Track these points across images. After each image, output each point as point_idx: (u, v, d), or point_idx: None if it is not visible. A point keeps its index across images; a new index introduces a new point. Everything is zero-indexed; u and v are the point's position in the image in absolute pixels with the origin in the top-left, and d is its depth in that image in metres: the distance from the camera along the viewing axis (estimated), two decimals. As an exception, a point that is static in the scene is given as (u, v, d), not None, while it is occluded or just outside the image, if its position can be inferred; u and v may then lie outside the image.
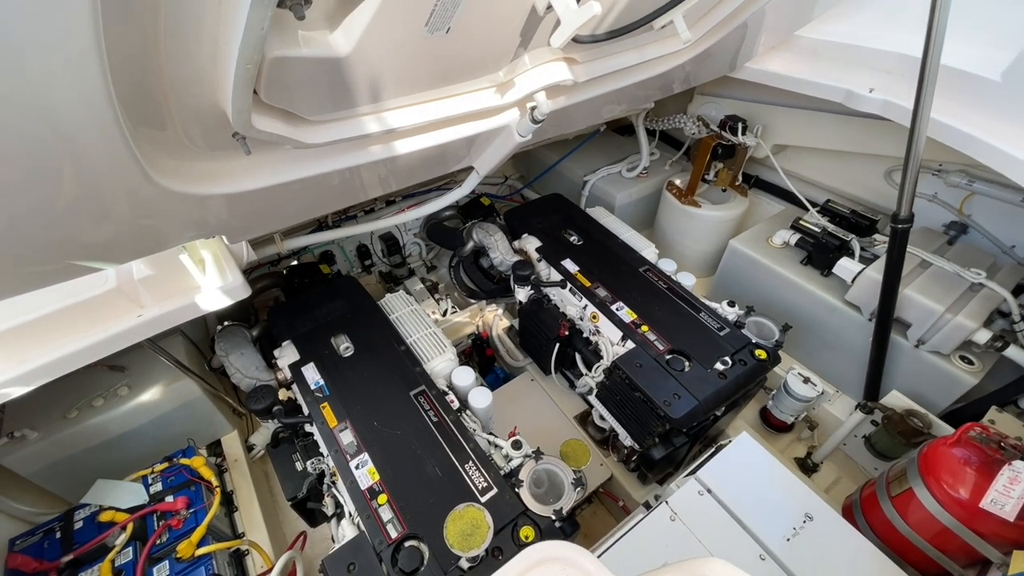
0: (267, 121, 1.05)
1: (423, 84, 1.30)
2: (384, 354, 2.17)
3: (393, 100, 1.28)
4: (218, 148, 1.10)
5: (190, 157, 1.06)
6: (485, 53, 1.31)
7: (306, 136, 1.17)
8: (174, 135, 0.95)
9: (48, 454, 1.97)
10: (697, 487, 1.77)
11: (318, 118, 1.19)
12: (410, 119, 1.34)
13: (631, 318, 2.34)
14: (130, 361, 2.19)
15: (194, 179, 1.08)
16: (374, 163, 1.43)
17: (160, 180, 0.94)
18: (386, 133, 1.31)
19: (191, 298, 1.70)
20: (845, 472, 2.60)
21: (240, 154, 1.06)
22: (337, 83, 1.11)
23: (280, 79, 1.01)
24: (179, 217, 1.15)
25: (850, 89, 2.30)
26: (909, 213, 1.97)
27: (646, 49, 1.81)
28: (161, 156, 0.96)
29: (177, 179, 1.02)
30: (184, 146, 1.01)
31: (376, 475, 1.77)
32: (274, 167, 1.27)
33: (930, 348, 2.26)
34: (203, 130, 0.99)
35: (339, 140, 1.22)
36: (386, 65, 1.15)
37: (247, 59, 0.76)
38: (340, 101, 1.17)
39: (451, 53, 1.24)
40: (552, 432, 2.69)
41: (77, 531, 1.84)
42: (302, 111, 1.13)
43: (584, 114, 2.26)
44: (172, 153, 1.00)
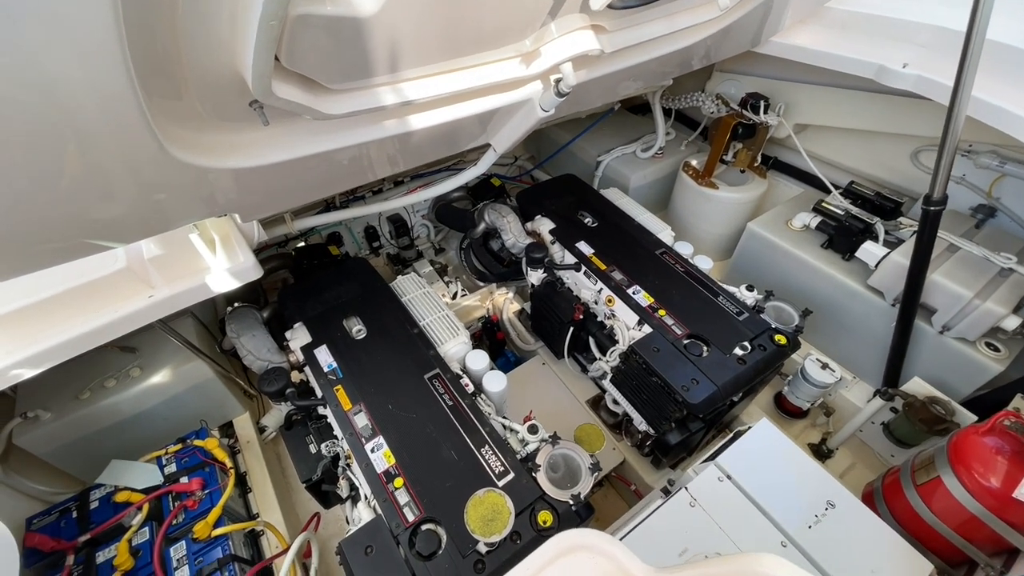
0: (287, 88, 0.99)
1: (448, 52, 1.22)
2: (397, 337, 2.14)
3: (416, 69, 1.21)
4: (234, 119, 1.04)
5: (205, 128, 1.00)
6: (514, 17, 1.23)
7: (326, 106, 1.10)
8: (189, 105, 0.90)
9: (61, 435, 1.96)
10: (717, 473, 1.74)
11: (339, 86, 1.12)
12: (432, 90, 1.27)
13: (648, 302, 2.30)
14: (141, 342, 2.16)
15: (209, 151, 1.02)
16: (390, 138, 1.36)
17: (174, 151, 0.89)
18: (407, 105, 1.24)
19: (202, 279, 1.67)
20: (860, 459, 2.57)
21: (255, 126, 1.01)
22: (361, 47, 1.03)
23: (302, 41, 0.94)
24: (192, 192, 1.10)
25: (882, 64, 2.20)
26: (943, 194, 1.90)
27: (677, 18, 1.71)
28: (175, 127, 0.91)
29: (191, 151, 0.96)
30: (199, 116, 0.95)
31: (392, 458, 1.75)
32: (290, 140, 1.20)
33: (955, 335, 2.20)
34: (219, 99, 0.93)
35: (359, 111, 1.16)
36: (412, 28, 1.07)
37: (271, 14, 0.70)
38: (363, 68, 1.10)
39: (479, 16, 1.16)
40: (564, 416, 2.67)
41: (93, 511, 1.84)
42: (323, 78, 1.06)
43: (601, 90, 2.17)
44: (186, 124, 0.94)
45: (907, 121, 2.59)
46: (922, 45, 2.17)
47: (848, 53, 2.30)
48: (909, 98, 2.26)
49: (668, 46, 1.83)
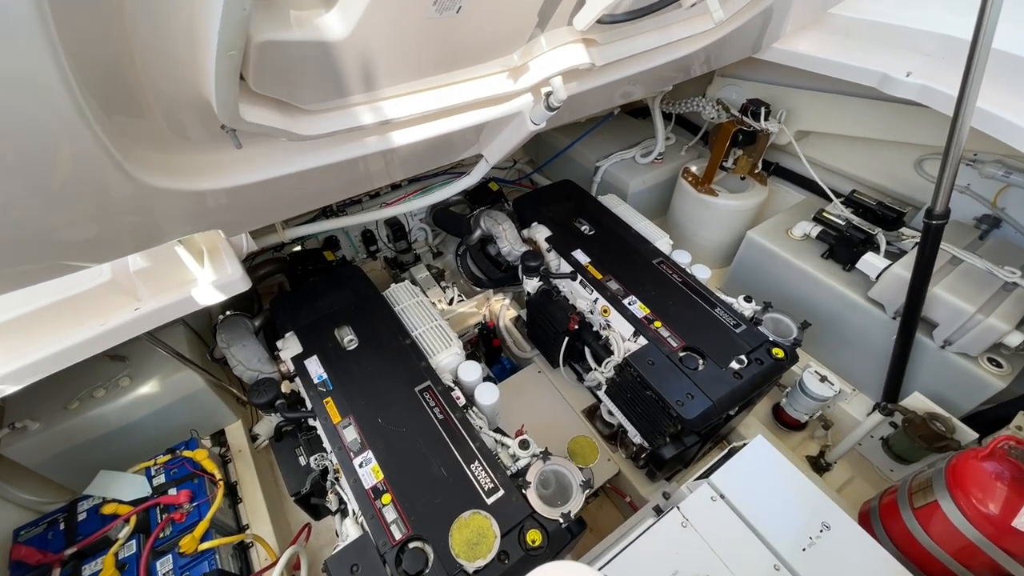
0: (258, 112, 0.96)
1: (430, 69, 1.19)
2: (389, 348, 2.12)
3: (397, 87, 1.17)
4: (206, 140, 1.01)
5: (176, 150, 0.97)
6: (499, 34, 1.20)
7: (302, 127, 1.07)
8: (156, 127, 0.86)
9: (50, 445, 1.95)
10: (710, 492, 1.71)
11: (315, 107, 1.09)
12: (415, 107, 1.23)
13: (644, 313, 2.26)
14: (131, 351, 2.15)
15: (182, 174, 0.99)
16: (376, 154, 1.33)
17: (142, 175, 0.86)
18: (389, 123, 1.21)
19: (189, 291, 1.65)
20: (859, 472, 2.54)
21: (231, 147, 0.98)
22: (335, 69, 1.00)
23: (270, 66, 0.90)
24: (168, 214, 1.07)
25: (886, 72, 2.15)
26: (946, 208, 1.85)
27: (671, 29, 1.67)
28: (143, 149, 0.88)
29: (163, 174, 0.93)
30: (169, 138, 0.92)
31: (380, 474, 1.73)
32: (270, 159, 1.18)
33: (957, 349, 2.16)
34: (188, 121, 0.89)
35: (338, 131, 1.13)
36: (389, 49, 1.04)
37: (228, 44, 0.67)
38: (338, 89, 1.07)
39: (461, 35, 1.12)
40: (559, 426, 2.65)
41: (81, 523, 1.83)
42: (297, 100, 1.03)
43: (599, 98, 2.13)
44: (157, 146, 0.91)
45: (911, 129, 2.54)
46: (927, 54, 2.13)
47: (851, 61, 2.25)
48: (913, 106, 2.21)
49: (663, 57, 1.79)
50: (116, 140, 0.74)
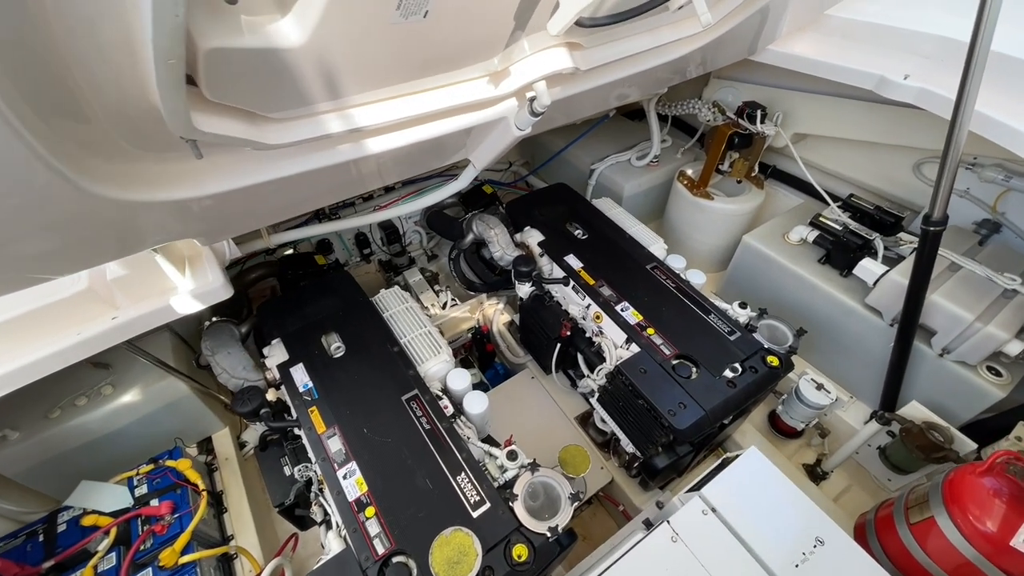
0: (216, 121, 0.91)
1: (403, 74, 1.14)
2: (376, 355, 2.08)
3: (369, 93, 1.13)
4: (167, 149, 0.97)
5: (135, 160, 0.93)
6: (474, 39, 1.15)
7: (268, 136, 1.03)
8: (105, 135, 0.82)
9: (31, 455, 1.92)
10: (701, 506, 1.67)
11: (281, 115, 1.05)
12: (390, 114, 1.19)
13: (636, 320, 2.23)
14: (115, 358, 2.11)
15: (143, 184, 0.95)
16: (355, 160, 1.30)
17: (93, 186, 0.82)
18: (364, 130, 1.17)
19: (168, 300, 1.61)
20: (856, 481, 2.49)
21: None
22: (297, 77, 0.96)
23: (225, 73, 0.86)
24: (132, 225, 1.03)
25: (883, 75, 2.11)
26: (944, 215, 1.81)
27: (660, 32, 1.63)
28: (93, 159, 0.84)
29: (119, 185, 0.89)
30: (123, 148, 0.88)
31: (364, 486, 1.69)
32: (241, 167, 1.13)
33: (955, 358, 2.12)
34: (144, 130, 0.84)
35: (307, 140, 1.09)
36: (355, 55, 0.99)
37: (166, 53, 0.63)
38: (304, 97, 1.02)
39: (433, 40, 1.08)
40: (552, 433, 2.61)
41: (60, 534, 1.80)
42: (260, 108, 0.99)
43: (592, 101, 2.09)
44: (108, 156, 0.86)
45: (909, 133, 2.50)
46: (925, 56, 2.08)
47: (847, 63, 2.21)
48: (912, 108, 2.17)
49: (654, 60, 1.75)
50: (54, 149, 0.70)
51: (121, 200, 0.89)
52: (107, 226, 0.96)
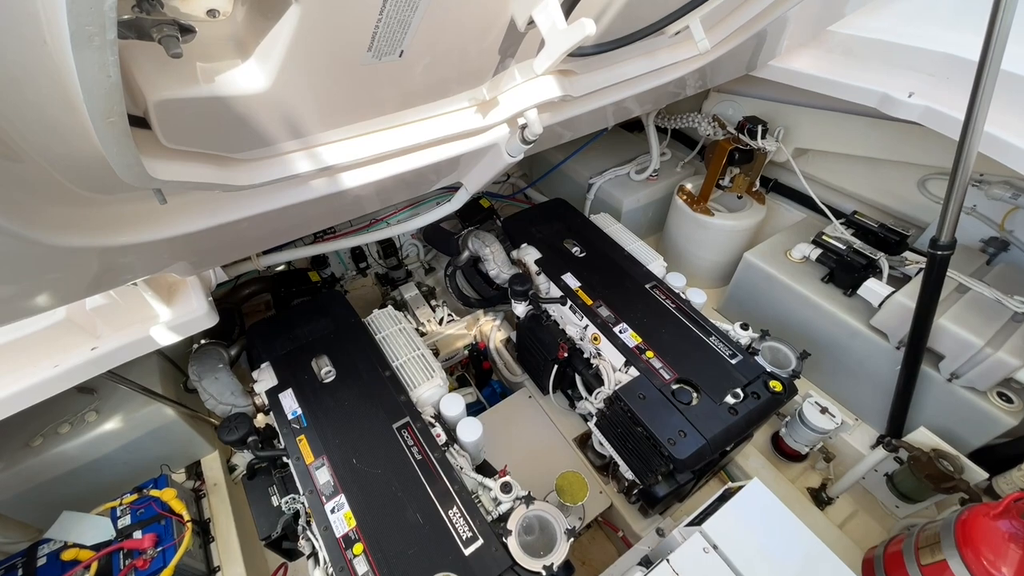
0: (177, 168, 0.85)
1: (381, 110, 1.09)
2: (368, 380, 2.03)
3: (347, 129, 1.08)
4: (128, 191, 0.92)
5: (93, 203, 0.88)
6: (457, 74, 1.10)
7: (237, 178, 0.97)
8: (50, 182, 0.76)
9: (11, 485, 1.86)
10: (702, 543, 1.60)
11: (248, 156, 1.00)
12: (371, 149, 1.14)
13: (635, 342, 2.17)
14: (100, 383, 2.06)
15: (105, 228, 0.90)
16: (336, 194, 1.24)
17: (43, 236, 0.76)
18: (343, 166, 1.12)
19: (150, 329, 1.56)
20: (863, 507, 2.42)
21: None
22: (263, 120, 0.90)
23: (181, 122, 0.80)
24: (98, 267, 0.98)
25: (886, 93, 2.06)
26: (952, 239, 1.75)
27: (657, 56, 1.58)
28: (44, 205, 0.78)
29: (75, 231, 0.83)
30: (75, 193, 0.83)
31: (352, 521, 1.63)
32: (212, 206, 1.08)
33: (965, 383, 2.06)
34: (94, 177, 0.78)
35: (280, 179, 1.04)
36: (325, 96, 0.94)
37: (104, 112, 0.58)
38: (273, 138, 0.97)
39: (412, 77, 1.02)
40: (549, 455, 2.55)
41: (40, 568, 1.74)
42: (224, 151, 0.94)
43: (589, 121, 2.05)
44: (62, 201, 0.81)
45: (914, 149, 2.45)
46: (930, 74, 2.03)
47: (850, 80, 2.16)
48: (916, 125, 2.12)
49: (650, 82, 1.70)
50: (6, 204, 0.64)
51: (80, 247, 0.84)
52: (70, 271, 0.91)
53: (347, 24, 0.78)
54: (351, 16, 0.77)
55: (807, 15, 1.99)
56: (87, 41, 0.46)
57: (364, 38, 0.83)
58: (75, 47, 0.46)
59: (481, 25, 0.95)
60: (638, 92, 1.70)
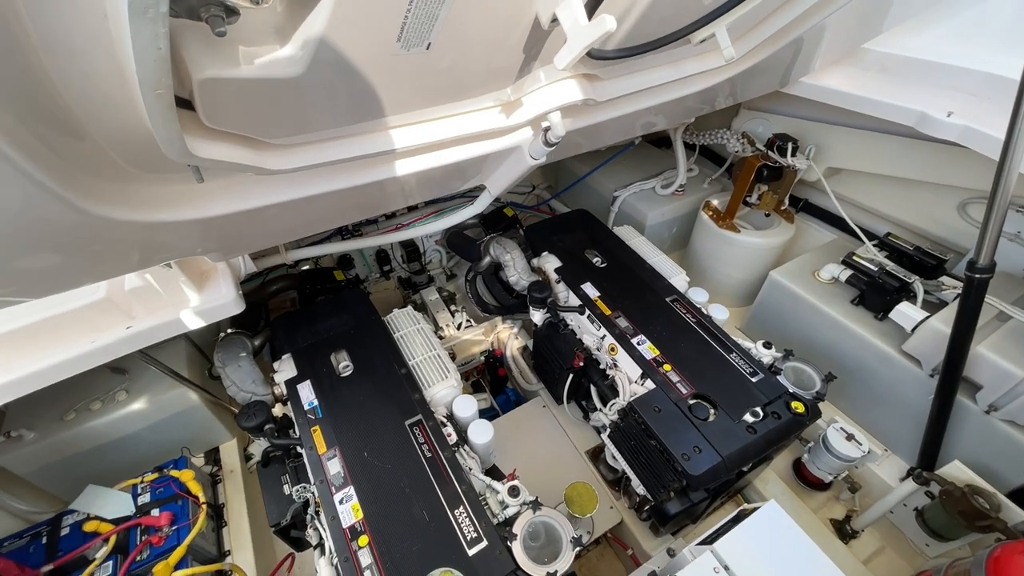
0: (215, 147, 0.92)
1: (408, 104, 1.13)
2: (383, 376, 2.06)
3: (373, 122, 1.13)
4: (170, 171, 0.99)
5: (137, 180, 0.95)
6: (483, 70, 1.14)
7: (270, 162, 1.03)
8: (101, 154, 0.83)
9: (44, 455, 1.96)
10: (713, 563, 1.55)
11: (283, 142, 1.05)
12: (396, 142, 1.19)
13: (653, 354, 2.14)
14: (132, 364, 2.15)
15: (147, 205, 0.97)
16: (363, 186, 1.29)
17: (93, 207, 0.83)
18: (369, 157, 1.17)
19: (181, 312, 1.63)
20: (889, 542, 2.29)
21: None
22: (298, 105, 0.96)
23: (222, 102, 0.86)
24: (139, 244, 1.05)
25: (924, 111, 2.01)
26: (991, 261, 1.68)
27: (683, 65, 1.59)
28: (93, 179, 0.84)
29: (122, 205, 0.90)
30: (123, 169, 0.90)
31: (360, 513, 1.65)
32: (245, 190, 1.14)
33: (1004, 416, 1.94)
34: (141, 153, 0.85)
35: (312, 166, 1.09)
36: (356, 85, 0.99)
37: (153, 83, 0.63)
38: (305, 125, 1.03)
39: (438, 71, 1.07)
40: (560, 466, 2.51)
41: (63, 538, 1.81)
42: (260, 135, 1.00)
43: (615, 130, 2.06)
44: (110, 176, 0.88)
45: (954, 171, 2.36)
46: (971, 93, 1.97)
47: (886, 98, 2.12)
48: (955, 146, 2.05)
49: (676, 92, 1.71)
50: (60, 173, 0.71)
51: (124, 221, 0.90)
52: (112, 244, 0.97)
53: (378, 14, 0.83)
54: (382, 6, 0.82)
55: (842, 30, 1.97)
56: (142, 12, 0.51)
57: (394, 29, 0.88)
58: (132, 17, 0.51)
59: (506, 22, 0.99)
60: (663, 102, 1.70)
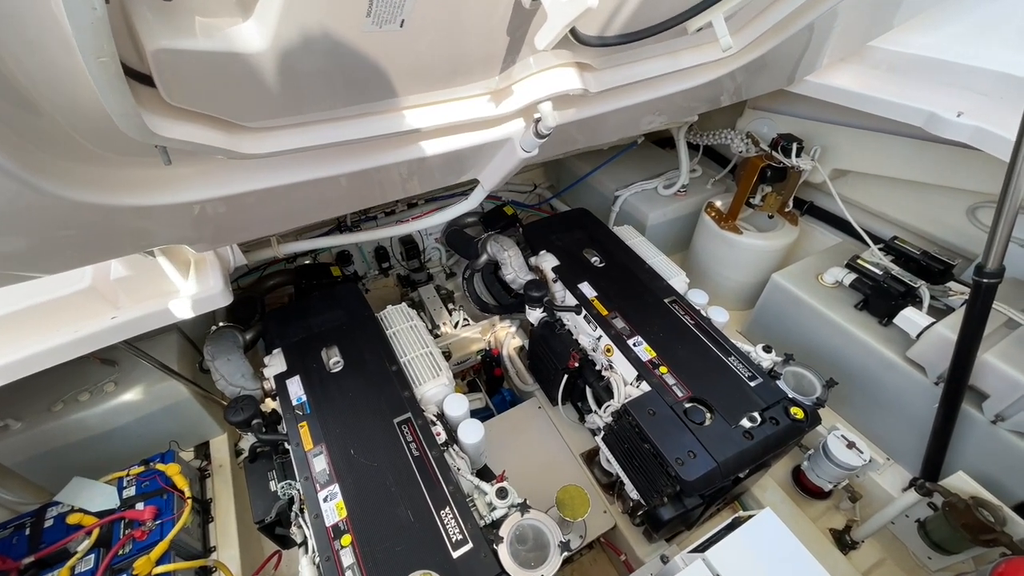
0: (180, 127, 0.88)
1: (388, 89, 1.09)
2: (374, 373, 2.03)
3: (353, 108, 1.09)
4: (140, 153, 0.96)
5: (104, 162, 0.91)
6: (465, 54, 1.10)
7: (243, 145, 0.99)
8: (59, 132, 0.79)
9: (30, 446, 1.94)
10: (704, 570, 1.50)
11: (256, 125, 1.02)
12: (378, 128, 1.15)
13: (649, 356, 2.09)
14: (122, 356, 2.14)
15: (116, 188, 0.93)
16: (349, 175, 1.26)
17: (50, 186, 0.79)
18: (350, 144, 1.13)
19: (168, 303, 1.61)
20: (891, 555, 2.23)
21: (180, 162, 0.91)
22: (267, 86, 0.91)
23: (183, 77, 0.83)
24: (111, 229, 1.02)
25: (933, 111, 1.95)
26: (999, 266, 1.62)
27: (680, 56, 1.54)
28: (52, 157, 0.81)
29: (86, 187, 0.87)
30: (87, 149, 0.86)
31: (344, 511, 1.62)
32: (223, 176, 1.11)
33: (1011, 427, 1.88)
34: (102, 132, 0.82)
35: (287, 151, 1.06)
36: (328, 65, 0.95)
37: (94, 50, 0.59)
38: (279, 108, 0.99)
39: (417, 52, 1.02)
40: (554, 469, 2.47)
41: (46, 530, 1.79)
42: (230, 116, 0.96)
43: (614, 125, 2.02)
44: (73, 156, 0.84)
45: (964, 174, 2.30)
46: (982, 93, 1.92)
47: (893, 97, 2.06)
48: (965, 149, 1.99)
49: (674, 85, 1.66)
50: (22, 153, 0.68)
51: (90, 204, 0.87)
52: (82, 230, 0.94)
53: (343, -13, 0.79)
54: (345, -24, 0.78)
55: (852, 24, 1.91)
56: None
57: (362, 3, 0.84)
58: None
59: (486, 0, 0.95)
60: (661, 95, 1.66)
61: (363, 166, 1.26)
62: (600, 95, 1.46)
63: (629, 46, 1.18)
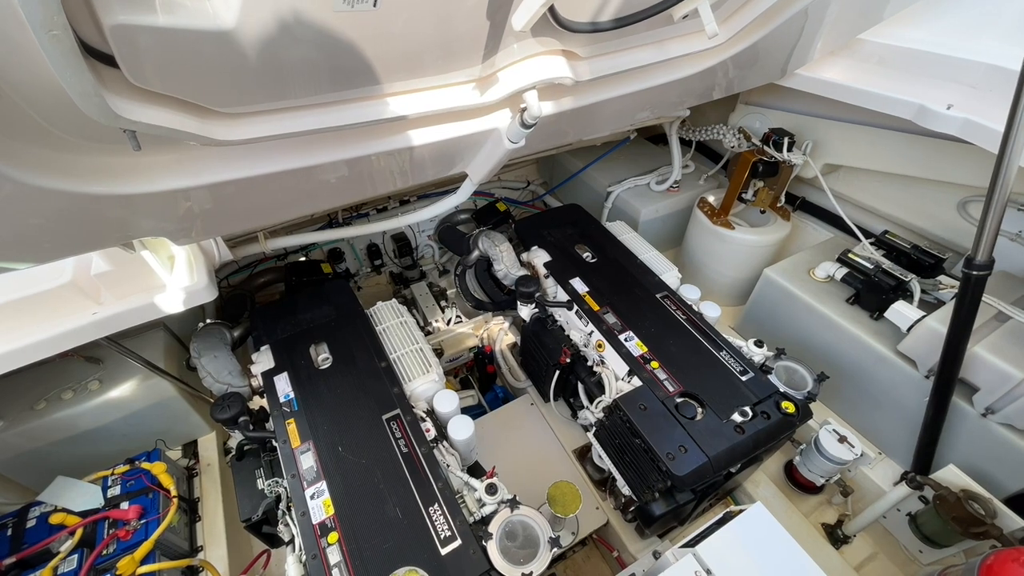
0: (148, 111, 0.85)
1: (367, 74, 1.06)
2: (363, 369, 2.01)
3: (331, 94, 1.07)
4: (110, 140, 0.93)
5: (73, 149, 0.89)
6: (446, 39, 1.07)
7: (217, 131, 0.97)
8: (20, 114, 0.75)
9: (12, 445, 1.91)
10: (695, 566, 1.49)
11: (231, 110, 0.99)
12: (358, 116, 1.13)
13: (640, 351, 2.08)
14: (106, 353, 2.11)
15: (84, 176, 0.90)
16: (331, 164, 1.23)
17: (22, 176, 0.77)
18: (330, 131, 1.10)
19: (151, 298, 1.58)
20: (882, 548, 2.23)
21: (155, 149, 0.88)
22: (239, 68, 0.89)
23: (147, 56, 0.80)
24: (83, 219, 0.99)
25: (923, 104, 1.95)
26: (989, 258, 1.62)
27: (668, 46, 1.53)
28: (10, 140, 0.79)
29: (51, 173, 0.84)
30: (53, 134, 0.83)
31: (331, 508, 1.60)
32: (200, 164, 1.08)
33: (1001, 420, 1.88)
34: (66, 115, 0.78)
35: (264, 138, 1.03)
36: (300, 48, 0.92)
37: (43, 22, 0.57)
38: (253, 92, 0.96)
39: (392, 35, 0.99)
40: (547, 465, 2.46)
41: (29, 530, 1.76)
42: (202, 100, 0.93)
43: (605, 118, 2.00)
44: (39, 141, 0.81)
45: (954, 168, 2.30)
46: (972, 86, 1.91)
47: (884, 90, 2.06)
48: (957, 142, 1.99)
49: (663, 76, 1.65)
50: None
51: (56, 191, 0.85)
52: (51, 219, 0.92)
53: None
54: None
55: (843, 16, 1.90)
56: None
57: None
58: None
59: None
60: (650, 86, 1.64)
61: (346, 155, 1.24)
62: (587, 85, 1.44)
63: (615, 34, 1.16)
